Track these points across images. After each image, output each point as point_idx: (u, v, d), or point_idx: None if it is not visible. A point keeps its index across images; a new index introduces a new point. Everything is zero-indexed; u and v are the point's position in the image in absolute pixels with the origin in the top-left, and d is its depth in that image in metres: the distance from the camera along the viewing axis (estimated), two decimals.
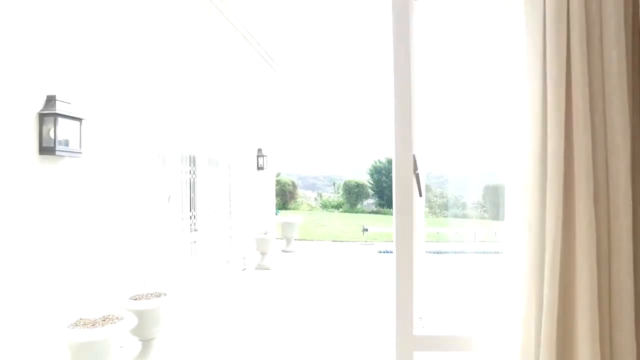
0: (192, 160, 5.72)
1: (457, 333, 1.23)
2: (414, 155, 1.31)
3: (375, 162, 25.78)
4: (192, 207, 5.70)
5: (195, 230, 5.72)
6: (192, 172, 5.69)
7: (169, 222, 4.98)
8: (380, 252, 9.69)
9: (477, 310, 1.29)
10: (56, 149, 3.02)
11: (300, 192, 27.84)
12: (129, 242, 4.01)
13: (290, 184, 23.56)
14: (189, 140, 5.60)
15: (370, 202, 24.67)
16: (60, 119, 3.05)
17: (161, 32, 4.64)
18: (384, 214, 21.61)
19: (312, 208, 25.19)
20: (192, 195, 5.72)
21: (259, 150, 8.21)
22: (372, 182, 25.03)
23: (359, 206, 23.59)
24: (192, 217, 5.70)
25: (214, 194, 6.42)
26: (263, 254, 7.50)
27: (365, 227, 11.44)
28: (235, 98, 7.00)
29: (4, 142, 2.73)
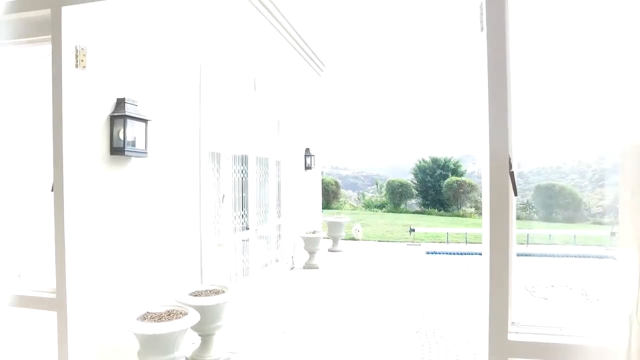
0: (244, 160, 5.82)
1: (566, 341, 1.15)
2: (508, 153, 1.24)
3: (420, 162, 25.28)
4: (243, 205, 5.80)
5: (247, 228, 5.82)
6: (243, 172, 5.80)
7: (223, 221, 5.09)
8: (428, 253, 9.47)
9: (581, 317, 1.20)
10: (125, 149, 3.15)
11: (342, 191, 27.75)
12: (187, 239, 4.13)
13: (334, 183, 23.54)
14: (241, 140, 5.70)
15: (414, 202, 24.22)
16: (129, 121, 3.18)
17: (214, 35, 4.74)
18: (429, 214, 21.15)
19: (354, 208, 25.07)
20: (243, 194, 5.82)
21: (307, 149, 8.25)
22: (416, 182, 24.56)
23: (402, 206, 23.21)
24: (244, 216, 5.81)
25: (264, 193, 6.51)
26: (311, 253, 7.52)
27: (412, 228, 11.22)
28: (285, 97, 7.06)
29: (82, 143, 2.86)
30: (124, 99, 3.18)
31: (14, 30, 1.83)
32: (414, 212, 22.09)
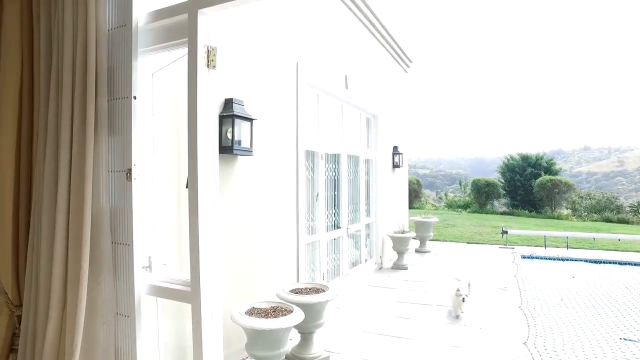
0: (336, 159, 5.81)
1: None
2: None
3: (507, 160, 23.70)
4: (335, 204, 5.80)
5: (338, 227, 5.81)
6: (335, 170, 5.79)
7: (316, 219, 5.12)
8: (524, 257, 8.77)
9: None
10: (234, 148, 3.27)
11: (423, 191, 26.97)
12: (285, 237, 4.20)
13: (415, 182, 22.92)
14: (333, 139, 5.70)
15: (501, 202, 22.76)
16: (236, 120, 3.29)
17: (309, 32, 4.77)
18: (518, 215, 19.71)
19: (436, 207, 24.21)
20: (335, 192, 5.82)
21: (395, 147, 8.06)
22: (503, 181, 23.06)
23: (488, 206, 21.91)
24: (335, 215, 5.80)
25: (354, 192, 6.46)
26: (400, 253, 7.33)
27: (505, 229, 10.49)
28: (374, 95, 6.95)
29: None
30: (232, 99, 3.30)
31: (152, 38, 1.94)
32: (501, 213, 20.74)
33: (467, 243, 10.84)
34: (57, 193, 1.80)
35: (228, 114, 3.26)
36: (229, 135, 3.32)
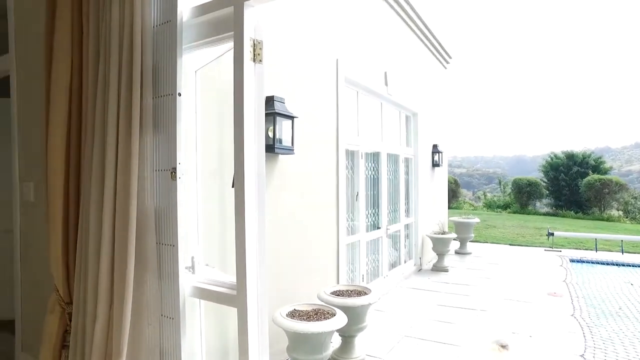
0: (376, 157, 5.68)
1: None
2: None
3: (551, 158, 22.65)
4: (374, 204, 5.66)
5: (378, 228, 5.67)
6: (375, 169, 5.66)
7: (356, 219, 5.00)
8: (573, 260, 8.30)
9: None
10: (275, 146, 3.21)
11: (461, 190, 26.26)
12: (325, 238, 4.11)
13: (452, 181, 22.30)
14: (373, 137, 5.57)
15: (544, 202, 21.77)
16: (278, 118, 3.22)
17: (348, 26, 4.66)
18: (563, 216, 18.78)
19: (474, 207, 23.48)
20: (374, 192, 5.68)
21: (434, 146, 7.82)
22: (546, 180, 22.05)
23: (530, 207, 21.02)
24: (375, 215, 5.66)
25: (393, 191, 6.30)
26: (440, 254, 7.10)
27: (551, 231, 9.98)
28: (414, 92, 6.75)
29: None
30: (273, 96, 3.23)
31: (196, 33, 1.89)
32: (544, 214, 19.84)
33: (510, 245, 10.40)
34: (104, 192, 1.78)
35: (269, 112, 3.20)
36: (270, 134, 3.26)
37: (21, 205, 2.78)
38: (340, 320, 2.95)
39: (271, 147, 3.22)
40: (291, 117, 3.37)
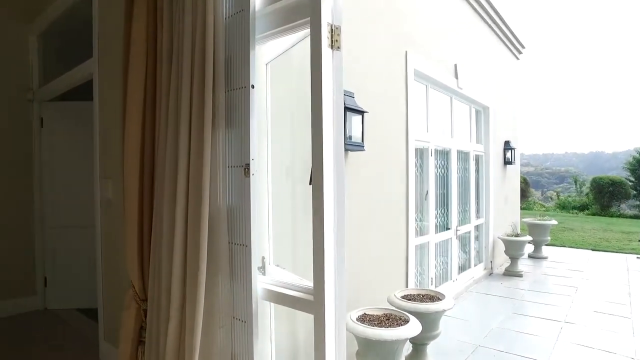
0: (445, 154, 5.37)
1: None
2: None
3: (639, 154, 20.53)
4: (443, 203, 5.36)
5: (447, 228, 5.35)
6: (444, 167, 5.35)
7: (425, 219, 4.75)
8: None
9: None
10: (346, 143, 3.07)
11: (531, 190, 24.66)
12: (394, 239, 3.91)
13: (522, 181, 20.94)
14: (443, 133, 5.27)
15: (630, 204, 19.77)
16: (348, 113, 3.08)
17: (417, 15, 4.41)
18: None
19: (546, 208, 21.90)
20: (443, 191, 5.38)
21: (506, 142, 7.31)
22: (633, 180, 20.01)
23: (613, 208, 19.18)
24: (444, 215, 5.36)
25: (463, 190, 5.94)
26: (513, 258, 6.61)
27: None
28: (485, 85, 6.33)
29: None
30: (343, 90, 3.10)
31: (269, 22, 1.79)
32: (631, 217, 18.01)
33: (592, 250, 9.50)
34: (177, 190, 1.74)
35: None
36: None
37: (101, 202, 2.88)
38: (414, 327, 2.75)
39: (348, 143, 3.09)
40: (361, 112, 3.21)
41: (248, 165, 1.71)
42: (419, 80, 4.52)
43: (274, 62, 2.05)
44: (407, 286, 4.06)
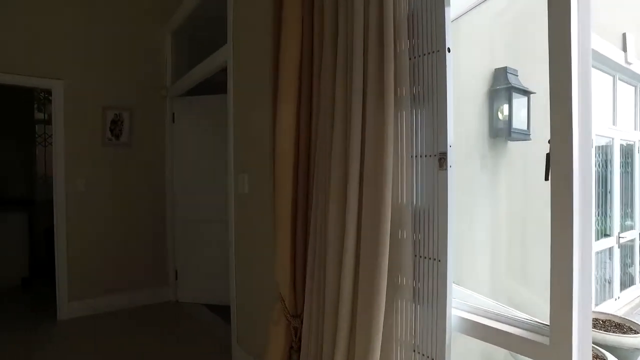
0: (604, 147, 4.44)
1: None
2: None
3: None
4: (604, 205, 4.44)
5: (607, 235, 4.42)
6: (603, 162, 4.43)
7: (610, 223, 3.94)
8: None
9: None
10: (511, 130, 2.52)
11: None
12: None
13: None
14: (603, 122, 4.36)
15: None
16: (514, 94, 2.52)
17: None
18: None
19: None
20: (603, 190, 4.46)
21: None
22: None
23: None
24: (602, 219, 4.44)
25: (625, 190, 4.90)
26: None
27: None
28: None
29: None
30: (505, 68, 2.55)
31: None
32: None
33: None
34: (347, 188, 1.39)
35: (502, 87, 2.52)
36: (500, 115, 2.59)
37: (235, 197, 2.70)
38: None
39: (503, 131, 2.54)
40: (527, 93, 2.62)
41: (444, 154, 1.29)
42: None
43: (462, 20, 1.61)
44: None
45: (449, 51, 1.30)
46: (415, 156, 1.37)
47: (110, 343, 3.27)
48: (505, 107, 2.59)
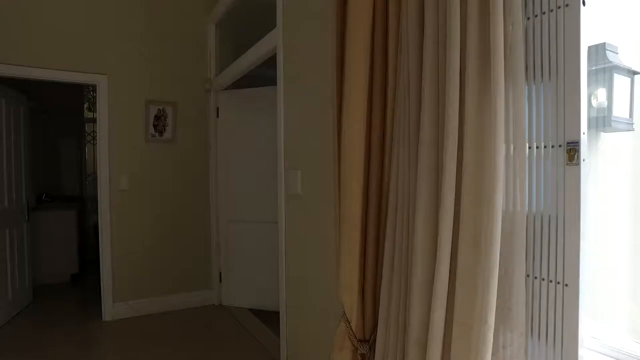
0: None
1: None
2: None
3: None
4: None
5: None
6: None
7: None
8: None
9: None
10: (612, 118, 2.12)
11: None
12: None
13: None
14: None
15: None
16: (615, 76, 2.12)
17: None
18: None
19: None
20: None
21: None
22: None
23: None
24: None
25: None
26: None
27: None
28: None
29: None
30: (604, 44, 2.14)
31: None
32: None
33: None
34: (442, 187, 1.09)
35: (600, 67, 2.13)
36: (594, 101, 2.19)
37: (286, 197, 2.46)
38: None
39: (598, 121, 2.14)
40: (632, 73, 2.20)
41: (575, 143, 0.98)
42: None
43: None
44: None
45: (583, 4, 0.97)
46: (535, 147, 1.05)
47: (155, 349, 3.15)
48: (602, 91, 2.19)
